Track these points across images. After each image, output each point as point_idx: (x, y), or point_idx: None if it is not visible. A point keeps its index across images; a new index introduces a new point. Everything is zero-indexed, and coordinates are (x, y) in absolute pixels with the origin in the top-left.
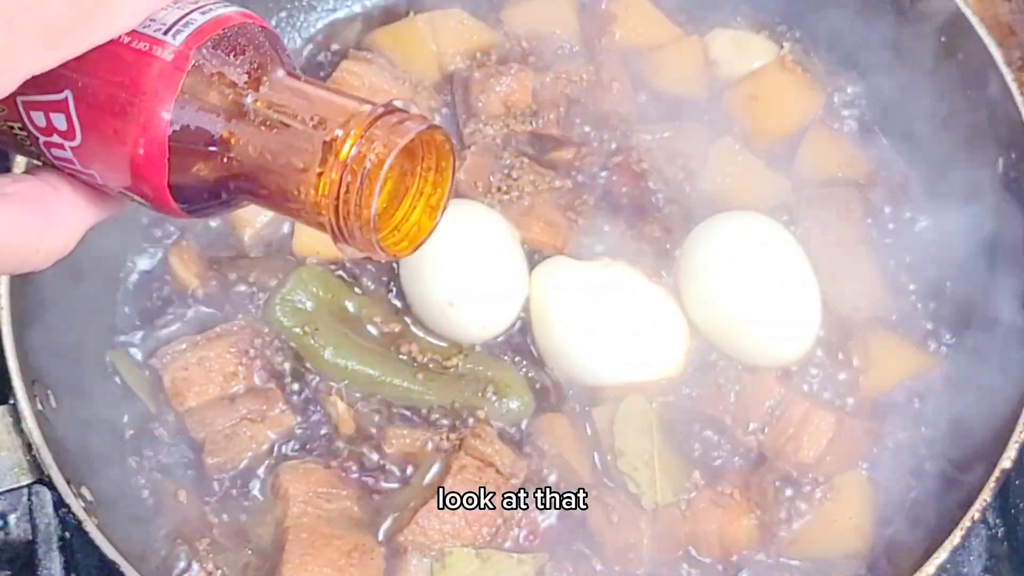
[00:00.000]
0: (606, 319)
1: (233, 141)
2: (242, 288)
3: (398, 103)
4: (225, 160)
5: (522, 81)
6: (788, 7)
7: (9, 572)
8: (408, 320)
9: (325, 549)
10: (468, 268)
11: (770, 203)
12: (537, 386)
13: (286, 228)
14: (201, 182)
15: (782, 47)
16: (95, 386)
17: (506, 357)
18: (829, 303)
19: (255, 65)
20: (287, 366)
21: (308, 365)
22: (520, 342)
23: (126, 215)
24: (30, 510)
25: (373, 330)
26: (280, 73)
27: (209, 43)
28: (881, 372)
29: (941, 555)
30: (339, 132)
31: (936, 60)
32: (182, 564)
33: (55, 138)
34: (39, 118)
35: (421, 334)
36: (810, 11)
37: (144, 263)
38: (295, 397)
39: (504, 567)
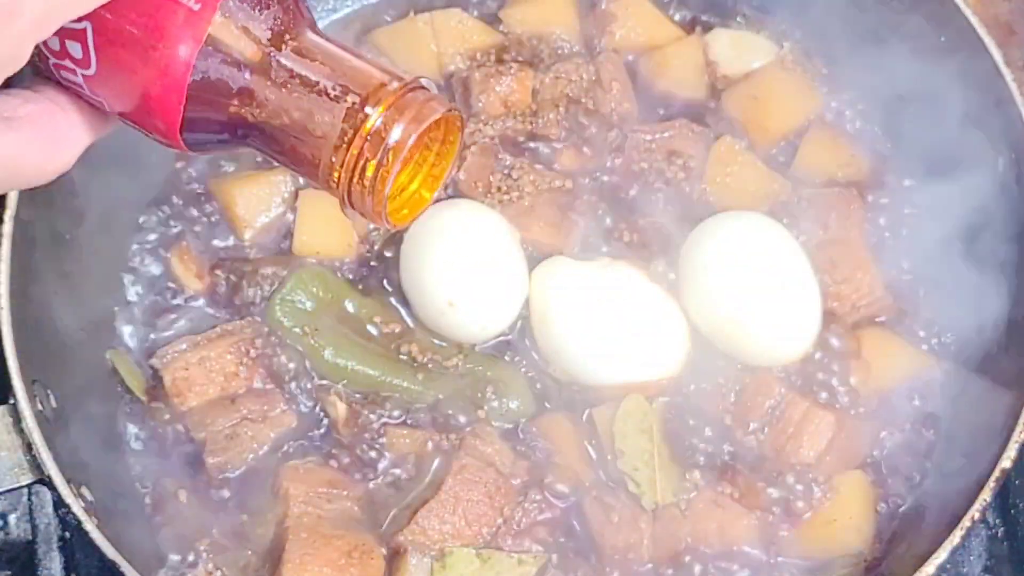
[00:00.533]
0: (606, 319)
1: (252, 97)
2: (242, 288)
3: (424, 81)
4: (242, 112)
5: (522, 81)
6: (788, 7)
7: (9, 572)
8: (408, 320)
9: (325, 549)
10: (468, 268)
11: (770, 203)
12: (537, 386)
13: (286, 228)
14: (213, 128)
15: (782, 47)
16: (95, 386)
17: (506, 357)
18: (829, 303)
19: (279, 21)
20: (287, 366)
21: (308, 365)
22: (520, 342)
23: (127, 217)
24: (30, 510)
25: (373, 330)
26: (305, 31)
27: None
28: (881, 372)
29: (941, 555)
30: (364, 106)
31: (936, 60)
32: (182, 564)
33: (67, 63)
34: (53, 42)
35: (421, 334)
36: (810, 11)
37: (144, 263)
38: (295, 397)
39: (504, 567)
